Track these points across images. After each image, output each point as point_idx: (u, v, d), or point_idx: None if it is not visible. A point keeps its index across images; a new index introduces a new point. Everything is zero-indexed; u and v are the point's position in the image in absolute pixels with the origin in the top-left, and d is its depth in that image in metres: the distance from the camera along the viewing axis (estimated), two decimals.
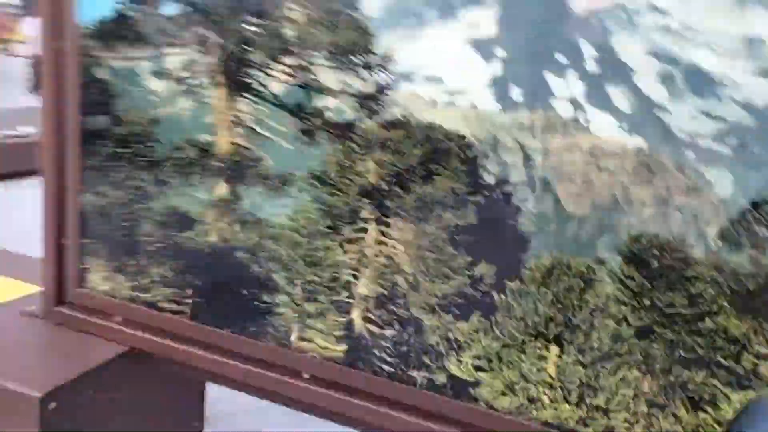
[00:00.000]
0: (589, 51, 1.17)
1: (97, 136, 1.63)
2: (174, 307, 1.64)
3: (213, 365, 1.60)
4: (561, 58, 1.19)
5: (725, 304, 1.16)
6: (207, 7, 1.45)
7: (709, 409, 1.22)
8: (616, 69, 1.16)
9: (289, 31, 1.38)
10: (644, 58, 1.13)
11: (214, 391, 2.13)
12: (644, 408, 1.26)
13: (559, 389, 1.31)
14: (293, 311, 1.51)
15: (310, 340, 1.51)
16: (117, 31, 1.55)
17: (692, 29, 1.09)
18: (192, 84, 1.50)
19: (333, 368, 1.50)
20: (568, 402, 1.31)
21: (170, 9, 1.49)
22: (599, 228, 1.24)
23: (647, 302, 1.22)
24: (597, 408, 1.29)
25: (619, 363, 1.26)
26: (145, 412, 1.84)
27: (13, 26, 12.76)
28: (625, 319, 1.24)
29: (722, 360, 1.19)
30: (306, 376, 1.53)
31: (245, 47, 1.43)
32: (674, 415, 1.24)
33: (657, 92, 1.14)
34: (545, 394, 1.33)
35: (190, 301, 1.62)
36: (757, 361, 1.17)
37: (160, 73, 1.53)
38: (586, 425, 1.31)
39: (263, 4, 1.39)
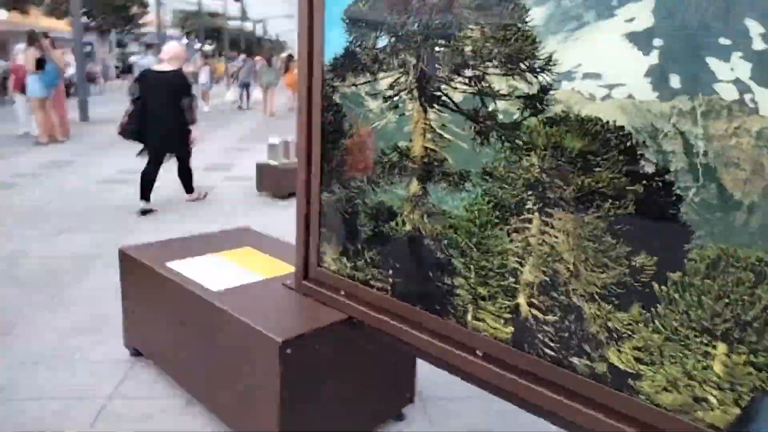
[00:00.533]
0: (755, 29, 1.11)
1: (333, 147, 2.08)
2: (379, 284, 1.98)
3: (404, 334, 1.88)
4: (723, 40, 1.16)
5: None
6: (408, 37, 1.77)
7: None
8: None
9: (467, 48, 1.60)
10: None
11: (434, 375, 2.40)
12: None
13: (728, 391, 1.22)
14: (468, 293, 1.69)
15: (482, 320, 1.68)
16: (346, 64, 1.98)
17: None
18: (396, 100, 1.83)
19: (502, 348, 1.64)
20: (739, 406, 1.21)
21: (382, 42, 1.85)
22: None
23: None
24: None
25: None
26: (363, 371, 2.22)
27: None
28: None
29: None
30: (479, 353, 1.70)
31: (435, 65, 1.70)
32: None
33: None
34: (712, 394, 1.25)
35: (391, 280, 1.94)
36: None
37: (373, 94, 1.90)
38: None
39: (449, 27, 1.65)
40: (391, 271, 1.94)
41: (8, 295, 3.55)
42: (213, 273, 2.46)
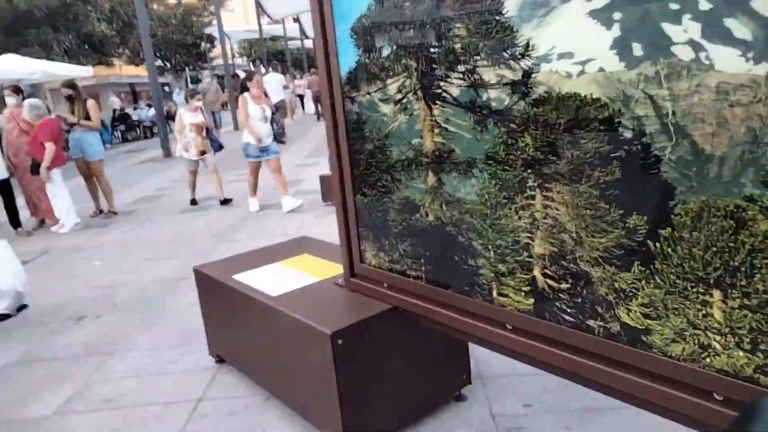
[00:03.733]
0: None
1: (358, 152, 2.26)
2: (414, 273, 2.13)
3: (441, 317, 2.03)
4: (673, 5, 1.22)
5: None
6: (408, 44, 1.91)
7: None
8: (730, 0, 1.13)
9: (457, 45, 1.73)
10: None
11: (488, 355, 2.50)
12: None
13: (729, 335, 1.27)
14: (490, 271, 1.81)
15: (506, 296, 1.79)
16: (359, 75, 2.15)
17: None
18: (404, 102, 1.98)
19: (527, 319, 1.74)
20: (741, 349, 1.26)
21: (386, 51, 2.01)
22: (742, 165, 1.18)
23: None
24: None
25: None
26: (417, 356, 2.38)
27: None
28: None
29: None
30: (509, 326, 1.81)
31: (432, 65, 1.83)
32: None
33: None
34: (716, 340, 1.30)
35: (423, 268, 2.09)
36: None
37: (385, 99, 2.06)
38: (765, 374, 1.23)
39: (440, 29, 1.78)
40: (422, 260, 2.09)
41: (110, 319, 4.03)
42: (273, 280, 2.71)
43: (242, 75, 12.01)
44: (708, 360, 1.33)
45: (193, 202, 7.60)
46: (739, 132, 1.18)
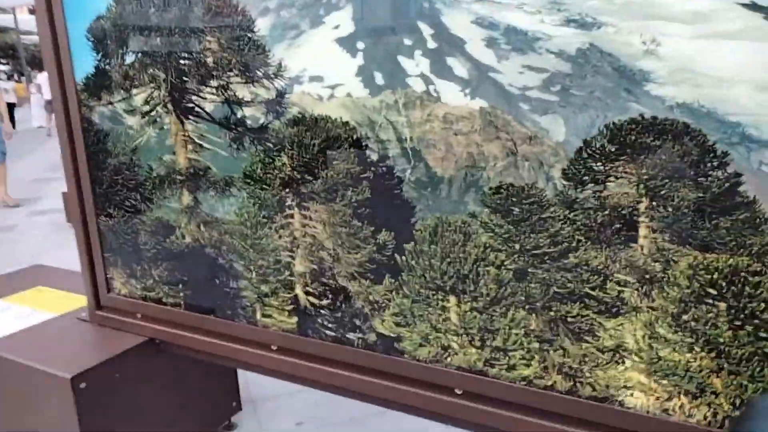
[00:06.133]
0: (427, 30, 1.31)
1: (100, 168, 2.00)
2: (172, 300, 1.97)
3: (204, 345, 1.91)
4: (407, 40, 1.34)
5: (581, 238, 1.24)
6: (154, 52, 1.76)
7: (589, 339, 1.29)
8: (450, 42, 1.29)
9: (209, 59, 1.65)
10: (470, 28, 1.25)
11: (256, 377, 2.43)
12: (536, 344, 1.36)
13: (464, 335, 1.45)
14: (253, 293, 1.77)
15: (269, 316, 1.76)
16: (99, 82, 1.91)
17: None
18: (153, 115, 1.82)
19: (291, 338, 1.74)
20: (473, 346, 1.44)
21: (129, 58, 1.82)
22: (466, 185, 1.36)
23: (517, 246, 1.32)
24: (497, 349, 1.41)
25: (507, 305, 1.37)
26: (181, 390, 2.19)
27: None
28: (503, 264, 1.35)
29: (590, 291, 1.26)
30: (274, 347, 1.78)
31: (183, 78, 1.72)
32: (562, 348, 1.33)
33: (487, 56, 1.25)
34: (454, 341, 1.46)
35: (182, 294, 1.94)
36: (620, 288, 1.23)
37: (131, 111, 1.87)
38: (492, 366, 1.43)
39: (190, 41, 1.67)
40: (180, 285, 1.94)
41: None
42: None
43: None
44: (449, 359, 1.48)
45: None
46: (462, 157, 1.35)
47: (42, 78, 17.66)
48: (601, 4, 1.12)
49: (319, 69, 1.48)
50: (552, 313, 1.32)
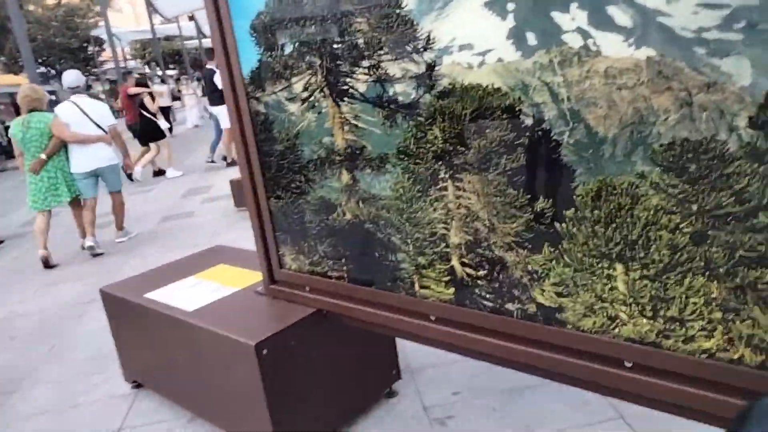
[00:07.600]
0: None
1: (268, 155, 2.20)
2: (336, 274, 2.11)
3: (366, 315, 2.02)
4: None
5: None
6: (310, 40, 1.88)
7: None
8: None
9: (360, 40, 1.71)
10: None
11: (414, 347, 2.52)
12: (719, 314, 1.23)
13: (633, 305, 1.36)
14: (411, 265, 1.82)
15: (427, 287, 1.81)
16: (262, 74, 2.09)
17: None
18: (312, 100, 1.94)
19: (448, 308, 1.77)
20: (644, 316, 1.35)
21: (288, 48, 1.96)
22: (632, 144, 1.26)
23: (695, 207, 1.20)
24: (673, 319, 1.30)
25: (683, 272, 1.25)
26: (346, 357, 2.35)
27: None
28: (678, 227, 1.24)
29: None
30: (433, 318, 1.83)
31: (337, 61, 1.81)
32: (751, 318, 1.19)
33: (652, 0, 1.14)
34: (622, 311, 1.38)
35: (345, 268, 2.07)
36: None
37: (291, 98, 2.02)
38: (666, 337, 1.33)
39: (342, 24, 1.76)
40: (343, 260, 2.07)
41: (7, 355, 3.68)
42: (188, 295, 2.58)
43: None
44: (616, 330, 1.41)
45: None
46: (627, 113, 1.25)
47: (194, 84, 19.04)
48: None
49: (468, 37, 1.46)
50: (738, 280, 1.18)
